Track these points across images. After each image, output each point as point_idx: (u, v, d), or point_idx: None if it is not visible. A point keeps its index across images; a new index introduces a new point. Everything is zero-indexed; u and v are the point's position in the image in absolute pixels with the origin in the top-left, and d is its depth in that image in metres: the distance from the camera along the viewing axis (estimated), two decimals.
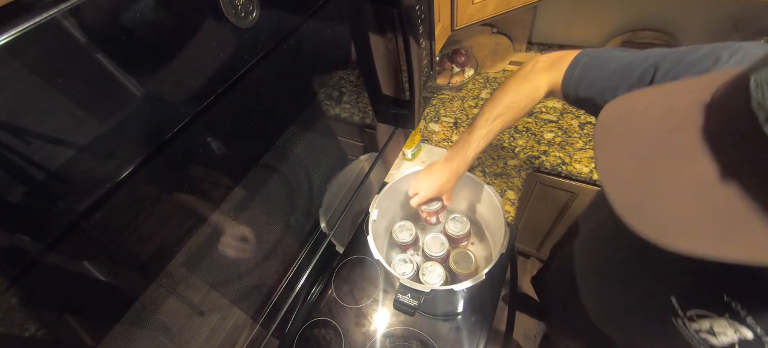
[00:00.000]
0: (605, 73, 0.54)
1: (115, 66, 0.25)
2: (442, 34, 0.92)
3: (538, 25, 1.46)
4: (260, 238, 0.52)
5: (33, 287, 0.26)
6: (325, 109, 0.56)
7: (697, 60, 0.44)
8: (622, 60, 0.52)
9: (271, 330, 0.56)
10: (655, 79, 0.47)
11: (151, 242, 0.35)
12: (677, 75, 0.46)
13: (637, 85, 0.49)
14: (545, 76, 0.63)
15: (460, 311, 0.88)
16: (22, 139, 0.22)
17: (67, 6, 0.21)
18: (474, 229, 0.96)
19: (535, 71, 0.65)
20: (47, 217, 0.25)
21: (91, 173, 0.26)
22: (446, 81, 1.48)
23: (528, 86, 0.64)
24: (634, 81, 0.50)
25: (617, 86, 0.51)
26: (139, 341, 0.37)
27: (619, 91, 0.51)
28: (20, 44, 0.20)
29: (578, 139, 1.20)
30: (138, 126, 0.28)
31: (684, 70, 0.45)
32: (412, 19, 0.55)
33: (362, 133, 0.70)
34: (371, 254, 0.75)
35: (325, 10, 0.44)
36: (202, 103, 0.33)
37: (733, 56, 0.41)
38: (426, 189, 0.78)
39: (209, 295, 0.45)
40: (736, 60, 0.41)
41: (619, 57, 0.53)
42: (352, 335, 0.86)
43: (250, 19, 0.33)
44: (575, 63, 0.59)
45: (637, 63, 0.50)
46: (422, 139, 1.30)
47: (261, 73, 0.39)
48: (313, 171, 0.58)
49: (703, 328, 0.44)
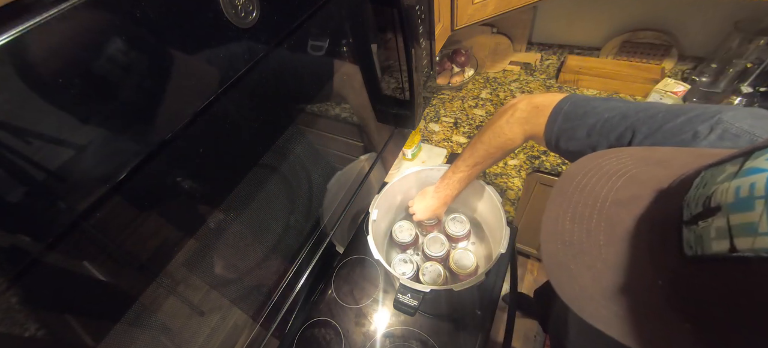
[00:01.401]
0: (583, 131, 0.53)
1: (115, 66, 0.25)
2: (442, 34, 0.92)
3: (538, 25, 1.46)
4: (260, 238, 0.52)
5: (33, 287, 0.26)
6: (325, 109, 0.56)
7: (675, 130, 0.43)
8: (601, 116, 0.52)
9: (271, 330, 0.56)
10: (632, 143, 0.47)
11: (151, 242, 0.35)
12: (654, 143, 0.45)
13: (615, 145, 0.49)
14: (521, 129, 0.64)
15: (460, 311, 0.88)
16: (22, 139, 0.22)
17: (67, 6, 0.21)
18: (474, 229, 0.96)
19: (510, 124, 0.65)
20: (47, 217, 0.25)
21: (91, 173, 0.26)
22: (446, 81, 1.48)
23: (503, 139, 0.67)
24: (613, 141, 0.49)
25: (597, 145, 0.51)
26: (139, 341, 0.37)
27: (598, 149, 0.50)
28: (20, 44, 0.20)
29: None
30: (138, 126, 0.28)
31: (661, 140, 0.44)
32: (412, 19, 0.55)
33: (362, 133, 0.70)
34: (371, 254, 0.75)
35: (325, 10, 0.44)
36: (202, 103, 0.33)
37: (713, 131, 0.40)
38: (420, 212, 0.86)
39: (209, 295, 0.45)
40: (715, 136, 0.39)
41: (599, 112, 0.52)
42: (352, 335, 0.86)
43: (250, 19, 0.33)
44: (554, 115, 0.58)
45: (615, 122, 0.49)
46: (422, 139, 1.30)
47: (261, 73, 0.39)
48: (313, 171, 0.58)
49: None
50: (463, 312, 0.88)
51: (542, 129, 0.59)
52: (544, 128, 0.59)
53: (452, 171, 0.79)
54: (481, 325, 0.85)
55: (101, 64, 0.24)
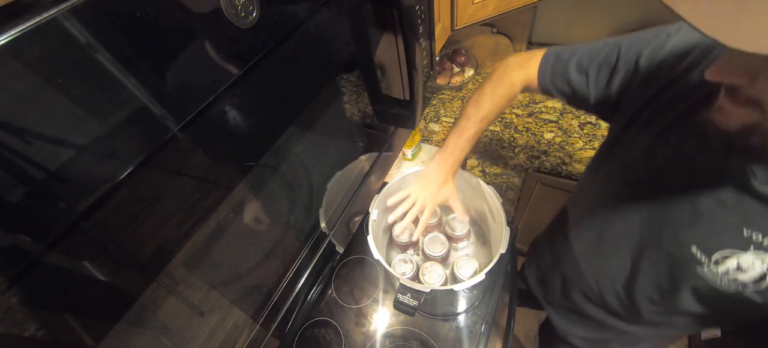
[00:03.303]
0: (573, 67, 0.62)
1: (114, 66, 0.25)
2: (442, 34, 0.92)
3: (538, 25, 1.46)
4: (260, 238, 0.52)
5: (33, 287, 0.26)
6: (324, 109, 0.56)
7: (651, 37, 0.53)
8: (586, 50, 0.61)
9: (271, 330, 0.56)
10: (619, 58, 0.56)
11: (151, 242, 0.35)
12: (638, 50, 0.54)
13: (602, 65, 0.58)
14: (519, 74, 0.70)
15: (460, 311, 0.88)
16: (22, 139, 0.22)
17: (67, 6, 0.21)
18: (474, 228, 0.96)
19: (508, 71, 0.70)
20: (47, 217, 0.25)
21: (91, 173, 0.26)
22: (446, 81, 1.48)
23: (505, 86, 0.70)
24: (601, 61, 0.59)
25: (588, 71, 0.60)
26: (139, 341, 0.37)
27: (590, 70, 0.60)
28: (20, 44, 0.20)
29: (578, 139, 1.20)
30: (138, 126, 0.28)
31: (643, 47, 0.53)
32: (412, 19, 0.55)
33: (362, 133, 0.70)
34: (371, 254, 0.75)
35: (324, 10, 0.44)
36: (202, 103, 0.33)
37: (679, 31, 0.50)
38: (429, 197, 0.77)
39: (209, 295, 0.45)
40: (681, 35, 0.50)
41: (583, 46, 0.62)
42: (352, 335, 0.86)
43: (250, 19, 0.33)
44: (546, 58, 0.66)
45: (599, 48, 0.59)
46: (422, 139, 1.30)
47: (261, 74, 0.39)
48: (313, 171, 0.58)
49: (730, 268, 0.47)
50: (463, 312, 0.88)
51: (535, 72, 0.67)
52: (538, 69, 0.67)
53: (457, 134, 0.74)
54: (481, 325, 0.85)
55: (101, 64, 0.24)
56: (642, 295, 0.62)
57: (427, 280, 0.83)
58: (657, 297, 0.60)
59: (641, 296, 0.62)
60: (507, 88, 0.70)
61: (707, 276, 0.49)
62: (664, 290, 0.58)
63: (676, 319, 0.62)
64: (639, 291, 0.62)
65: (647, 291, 0.61)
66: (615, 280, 0.66)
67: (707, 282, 0.50)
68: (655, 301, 0.61)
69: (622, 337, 0.79)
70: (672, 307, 0.59)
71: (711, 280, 0.49)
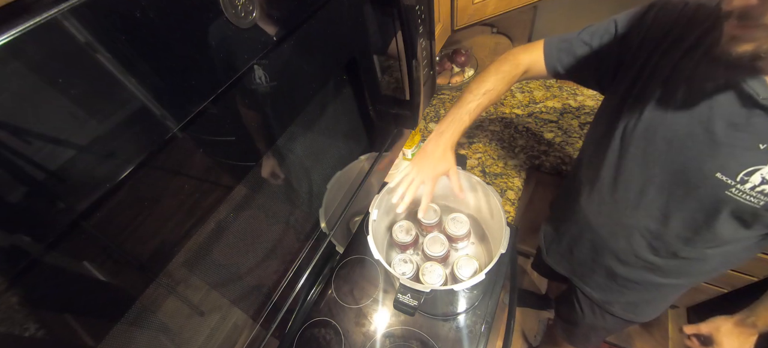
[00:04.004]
0: (579, 44, 0.70)
1: (114, 66, 0.25)
2: (442, 34, 0.92)
3: (538, 25, 1.46)
4: (260, 238, 0.52)
5: (33, 287, 0.26)
6: (324, 109, 0.56)
7: (640, 11, 0.62)
8: (587, 30, 0.70)
9: (271, 330, 0.56)
10: (618, 28, 0.65)
11: (151, 242, 0.35)
12: (630, 22, 0.63)
13: (603, 37, 0.67)
14: (523, 56, 0.74)
15: (460, 311, 0.88)
16: (22, 139, 0.22)
17: (67, 6, 0.21)
18: (474, 229, 0.95)
19: (513, 53, 0.75)
20: (47, 217, 0.25)
21: (91, 173, 0.26)
22: (446, 81, 1.48)
23: (509, 64, 0.74)
24: (602, 33, 0.67)
25: (591, 44, 0.68)
26: (139, 341, 0.37)
27: (593, 44, 0.68)
28: (20, 44, 0.20)
29: (578, 139, 1.20)
30: (138, 126, 0.28)
31: (636, 21, 0.62)
32: (412, 19, 0.55)
33: (362, 133, 0.70)
34: (371, 254, 0.75)
35: (324, 10, 0.44)
36: (202, 103, 0.33)
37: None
38: (428, 170, 0.70)
39: (209, 295, 0.45)
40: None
41: (584, 30, 0.71)
42: (352, 335, 0.86)
43: (250, 19, 0.33)
44: (549, 43, 0.73)
45: (597, 26, 0.68)
46: (422, 139, 1.30)
47: (261, 73, 0.39)
48: (313, 171, 0.58)
49: (756, 183, 0.51)
50: (463, 312, 0.88)
51: (540, 56, 0.73)
52: (543, 53, 0.73)
53: (457, 107, 0.72)
54: (481, 325, 0.85)
55: (101, 64, 0.24)
56: (675, 236, 0.65)
57: (427, 280, 0.83)
58: (690, 234, 0.63)
59: (675, 238, 0.66)
60: (511, 66, 0.73)
61: (737, 196, 0.53)
62: (699, 225, 0.61)
63: (709, 251, 0.66)
64: (671, 234, 0.65)
65: (680, 231, 0.64)
66: (645, 230, 0.69)
67: (738, 202, 0.54)
68: (689, 240, 0.65)
69: (659, 291, 0.81)
70: (709, 238, 0.62)
71: (741, 198, 0.53)
